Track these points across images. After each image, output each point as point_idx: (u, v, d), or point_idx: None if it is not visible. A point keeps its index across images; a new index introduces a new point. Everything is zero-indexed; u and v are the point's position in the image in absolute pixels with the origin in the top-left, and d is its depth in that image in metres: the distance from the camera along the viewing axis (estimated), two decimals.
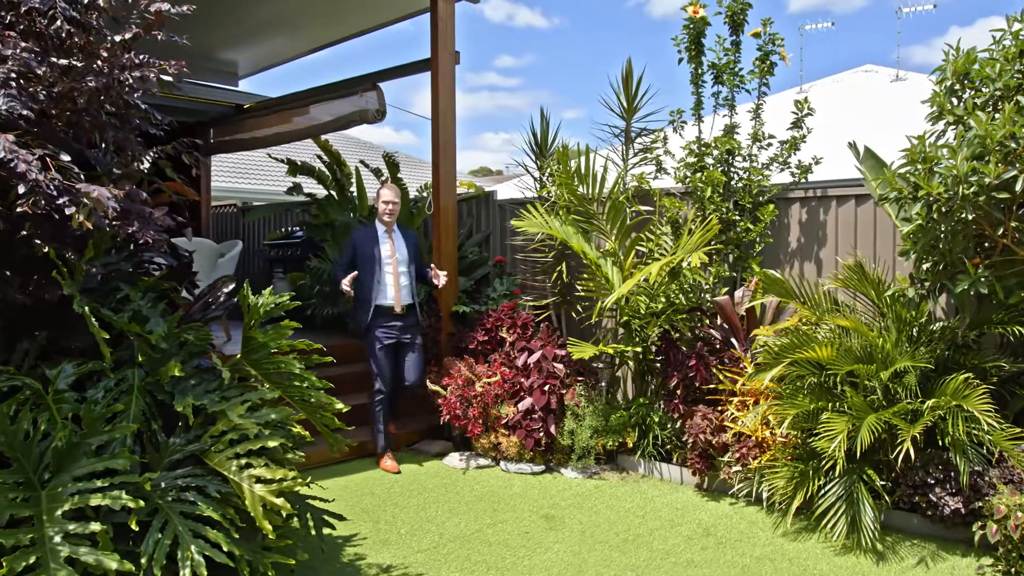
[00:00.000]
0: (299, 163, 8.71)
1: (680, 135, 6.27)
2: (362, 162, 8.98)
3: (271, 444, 2.87)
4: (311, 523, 3.49)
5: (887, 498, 4.40)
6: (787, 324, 5.07)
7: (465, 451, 5.99)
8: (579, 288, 6.17)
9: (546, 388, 5.67)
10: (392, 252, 5.78)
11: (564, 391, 5.73)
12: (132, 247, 3.14)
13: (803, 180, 5.83)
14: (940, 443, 4.24)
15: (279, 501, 2.77)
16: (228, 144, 9.48)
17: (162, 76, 2.88)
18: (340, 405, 3.46)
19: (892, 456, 4.15)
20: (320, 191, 8.97)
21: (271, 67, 9.24)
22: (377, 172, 8.54)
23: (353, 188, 8.67)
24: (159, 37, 2.96)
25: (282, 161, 8.74)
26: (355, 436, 6.08)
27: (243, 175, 15.19)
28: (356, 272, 5.69)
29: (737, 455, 4.94)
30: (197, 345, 3.12)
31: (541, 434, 5.62)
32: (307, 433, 3.65)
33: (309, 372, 3.33)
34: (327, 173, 8.66)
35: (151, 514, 2.68)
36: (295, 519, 3.36)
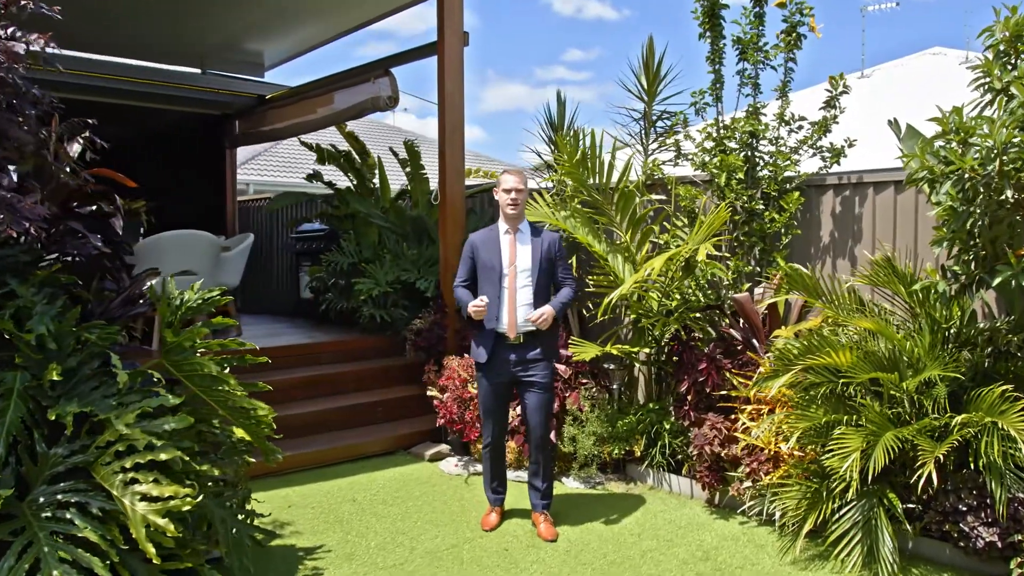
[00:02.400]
0: (327, 150, 8.51)
1: (703, 118, 5.75)
2: (391, 150, 8.67)
3: (163, 457, 2.56)
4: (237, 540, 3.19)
5: (910, 525, 3.84)
6: (808, 325, 4.52)
7: (463, 455, 5.63)
8: (590, 284, 5.72)
9: None
10: (512, 259, 4.27)
11: (567, 394, 5.31)
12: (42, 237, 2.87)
13: (834, 165, 5.25)
14: (973, 465, 3.66)
15: (163, 522, 2.45)
16: (251, 136, 9.37)
17: (32, 48, 2.61)
18: (265, 411, 3.14)
19: (913, 479, 3.59)
20: (344, 181, 8.74)
21: (297, 56, 9.03)
22: (404, 162, 8.23)
23: (375, 179, 8.41)
24: (28, 7, 2.69)
25: (310, 147, 8.54)
26: (350, 438, 5.81)
27: (285, 169, 15.17)
28: (479, 292, 4.30)
29: (748, 469, 4.44)
30: (99, 345, 2.84)
31: None
32: (250, 438, 3.38)
33: (230, 374, 3.02)
34: (349, 162, 8.42)
35: (19, 534, 2.41)
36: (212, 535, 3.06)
